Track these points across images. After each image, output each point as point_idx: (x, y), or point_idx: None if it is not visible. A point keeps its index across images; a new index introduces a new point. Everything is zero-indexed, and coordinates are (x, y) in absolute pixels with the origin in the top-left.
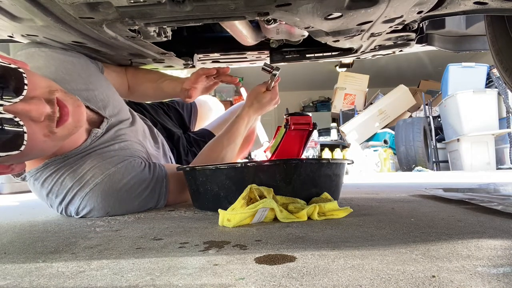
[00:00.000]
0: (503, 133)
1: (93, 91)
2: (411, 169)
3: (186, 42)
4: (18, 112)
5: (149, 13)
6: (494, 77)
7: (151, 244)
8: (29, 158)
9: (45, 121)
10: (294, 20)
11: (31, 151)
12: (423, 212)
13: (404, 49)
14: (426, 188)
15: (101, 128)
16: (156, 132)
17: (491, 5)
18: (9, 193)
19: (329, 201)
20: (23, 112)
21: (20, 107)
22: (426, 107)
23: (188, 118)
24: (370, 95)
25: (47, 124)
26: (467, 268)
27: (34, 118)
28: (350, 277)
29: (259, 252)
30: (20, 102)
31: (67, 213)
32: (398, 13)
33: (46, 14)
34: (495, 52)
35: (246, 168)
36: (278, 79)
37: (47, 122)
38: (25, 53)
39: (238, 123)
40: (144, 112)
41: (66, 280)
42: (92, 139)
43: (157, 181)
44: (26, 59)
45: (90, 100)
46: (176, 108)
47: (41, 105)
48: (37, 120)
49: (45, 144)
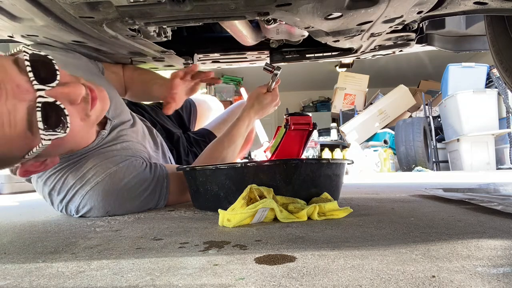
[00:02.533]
0: (503, 133)
1: None
2: (411, 169)
3: (186, 42)
4: (57, 95)
5: (149, 12)
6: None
7: (151, 244)
8: (66, 147)
9: (81, 104)
10: (294, 20)
11: (71, 138)
12: (423, 212)
13: (404, 49)
14: (426, 188)
15: (106, 129)
16: (155, 133)
17: (491, 5)
18: (9, 193)
19: (329, 201)
20: (62, 95)
21: (59, 90)
22: (426, 107)
23: (188, 118)
24: (370, 95)
25: (83, 106)
26: (467, 268)
27: (72, 100)
28: (350, 277)
29: (259, 252)
30: (58, 87)
31: (67, 212)
32: (398, 13)
33: (46, 14)
34: (495, 52)
35: (246, 168)
36: (278, 81)
37: (82, 104)
38: None
39: (239, 125)
40: (144, 113)
41: (66, 280)
42: (99, 140)
43: (158, 181)
44: None
45: None
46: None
47: (77, 86)
48: (74, 102)
49: (82, 130)
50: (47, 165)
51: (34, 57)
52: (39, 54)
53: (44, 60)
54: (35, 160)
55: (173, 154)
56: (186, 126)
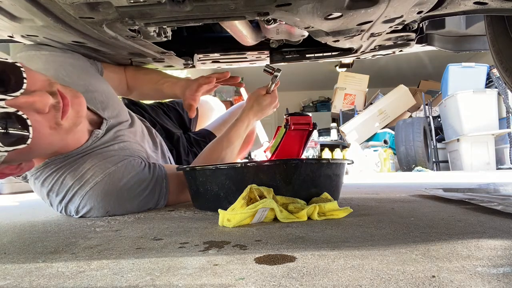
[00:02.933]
0: (503, 133)
1: (92, 93)
2: (411, 169)
3: (186, 42)
4: (21, 105)
5: (149, 13)
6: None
7: (151, 244)
8: (37, 154)
9: (51, 112)
10: (294, 20)
11: (39, 145)
12: (423, 212)
13: (404, 49)
14: (426, 188)
15: (101, 129)
16: (155, 133)
17: (491, 5)
18: (9, 193)
19: (329, 201)
20: (26, 104)
21: (22, 100)
22: (426, 107)
23: (188, 118)
24: (370, 95)
25: (53, 114)
26: (467, 268)
27: (39, 109)
28: (350, 277)
29: (259, 252)
30: (22, 96)
31: (66, 212)
32: (398, 13)
33: (46, 14)
34: (495, 52)
35: (246, 168)
36: (277, 83)
37: (53, 112)
38: (25, 55)
39: (238, 126)
40: (143, 113)
41: (66, 280)
42: (93, 140)
43: (157, 181)
44: (26, 61)
45: (90, 101)
46: (176, 108)
47: (44, 96)
48: (42, 111)
49: (52, 137)
50: (23, 168)
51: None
52: (6, 62)
53: (10, 69)
54: (8, 164)
55: (173, 154)
56: (186, 127)
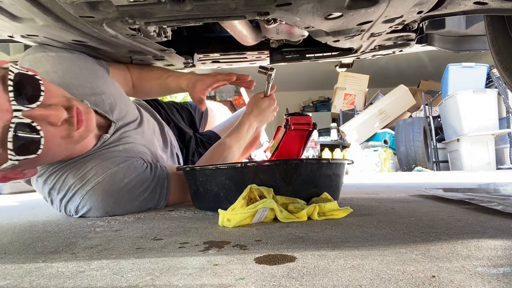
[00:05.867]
0: (503, 133)
1: (100, 96)
2: (411, 169)
3: (186, 42)
4: (36, 117)
5: (149, 12)
6: (494, 77)
7: (151, 244)
8: (43, 162)
9: (64, 125)
10: (294, 20)
11: (47, 155)
12: (423, 212)
13: (404, 49)
14: (426, 188)
15: (109, 132)
16: (166, 131)
17: (491, 5)
18: (9, 193)
19: (329, 201)
20: (41, 117)
21: (38, 112)
22: (426, 107)
23: (199, 120)
24: (370, 95)
25: (66, 127)
26: (467, 268)
27: (52, 122)
28: (350, 277)
29: (259, 252)
30: (37, 108)
31: (66, 212)
32: (398, 13)
33: (46, 13)
34: (495, 52)
35: (246, 168)
36: (274, 87)
37: (65, 126)
38: (32, 58)
39: (239, 128)
40: (160, 109)
41: (66, 280)
42: (101, 143)
43: (158, 182)
44: (34, 64)
45: (98, 104)
46: (189, 109)
47: (59, 110)
48: (54, 124)
49: (59, 147)
50: (26, 174)
51: (19, 76)
52: (26, 74)
53: (29, 80)
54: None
55: (182, 153)
56: (196, 128)
